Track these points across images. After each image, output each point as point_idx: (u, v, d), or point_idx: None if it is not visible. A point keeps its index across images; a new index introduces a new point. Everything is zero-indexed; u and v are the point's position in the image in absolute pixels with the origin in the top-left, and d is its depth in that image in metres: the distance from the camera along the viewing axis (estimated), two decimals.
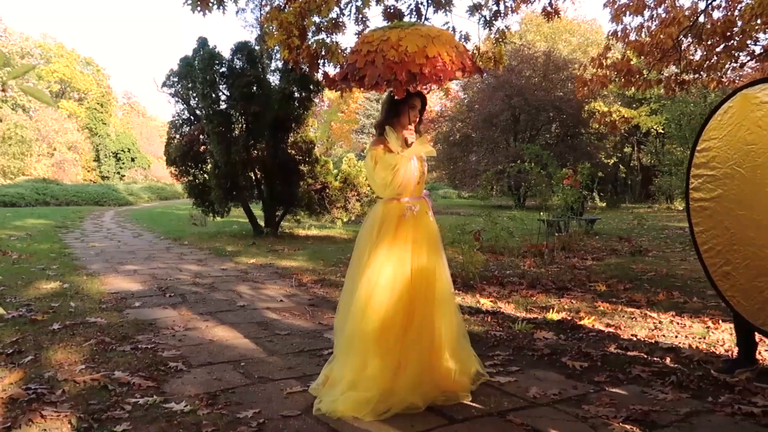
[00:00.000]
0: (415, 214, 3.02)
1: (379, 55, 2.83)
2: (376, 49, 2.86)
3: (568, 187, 9.28)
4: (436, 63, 2.85)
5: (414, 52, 2.81)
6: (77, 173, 37.49)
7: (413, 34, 2.91)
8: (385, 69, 2.81)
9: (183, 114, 11.61)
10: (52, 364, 3.44)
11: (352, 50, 3.01)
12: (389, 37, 2.88)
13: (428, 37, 2.91)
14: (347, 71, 2.97)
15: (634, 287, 5.98)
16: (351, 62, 2.94)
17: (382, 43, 2.87)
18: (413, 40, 2.86)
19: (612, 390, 3.13)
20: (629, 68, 9.31)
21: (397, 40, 2.85)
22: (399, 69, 2.79)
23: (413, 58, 2.80)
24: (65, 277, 6.46)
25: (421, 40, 2.88)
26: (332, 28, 7.14)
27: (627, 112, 20.78)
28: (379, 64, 2.82)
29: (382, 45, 2.86)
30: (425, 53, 2.83)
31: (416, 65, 2.81)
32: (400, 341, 2.88)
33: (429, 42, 2.88)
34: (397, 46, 2.83)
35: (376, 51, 2.86)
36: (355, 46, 3.02)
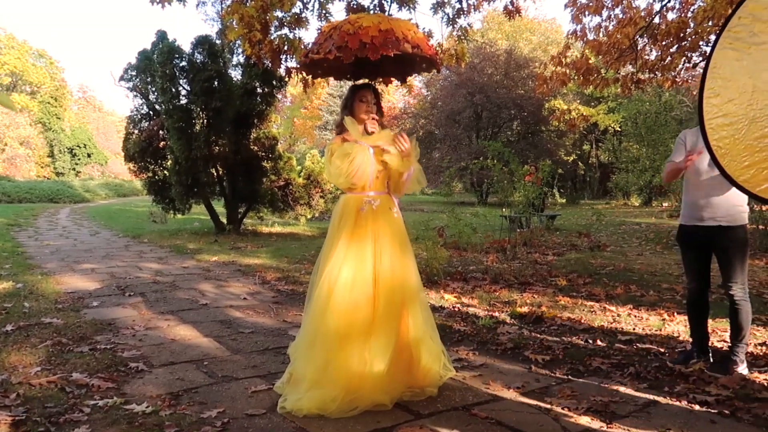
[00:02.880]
0: (374, 209, 2.99)
1: (336, 30, 3.04)
2: (336, 26, 3.08)
3: (530, 183, 9.44)
4: (387, 36, 2.99)
5: (368, 26, 2.99)
6: (30, 169, 36.26)
7: (372, 16, 3.15)
8: (339, 39, 2.98)
9: (142, 109, 11.33)
10: (5, 366, 3.32)
11: (318, 34, 3.27)
12: (349, 18, 3.09)
13: (385, 18, 3.14)
14: (309, 50, 3.23)
15: (593, 281, 6.12)
16: (314, 41, 3.20)
17: (342, 21, 3.10)
18: (370, 18, 3.06)
19: (573, 382, 3.20)
20: (588, 67, 9.51)
21: (355, 18, 3.06)
22: (351, 39, 2.95)
23: (366, 31, 2.97)
24: (18, 276, 6.24)
25: (377, 18, 3.08)
26: (295, 23, 7.08)
27: (585, 110, 21.25)
28: (335, 36, 3.01)
29: (341, 23, 3.08)
30: (378, 27, 3.00)
31: (368, 36, 2.96)
32: (363, 339, 2.87)
33: (384, 20, 3.08)
34: (353, 22, 3.02)
35: (335, 28, 3.08)
36: (321, 30, 3.29)
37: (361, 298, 2.87)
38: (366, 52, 2.92)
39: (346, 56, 2.96)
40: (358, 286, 2.87)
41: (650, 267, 7.02)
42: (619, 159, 23.77)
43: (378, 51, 2.92)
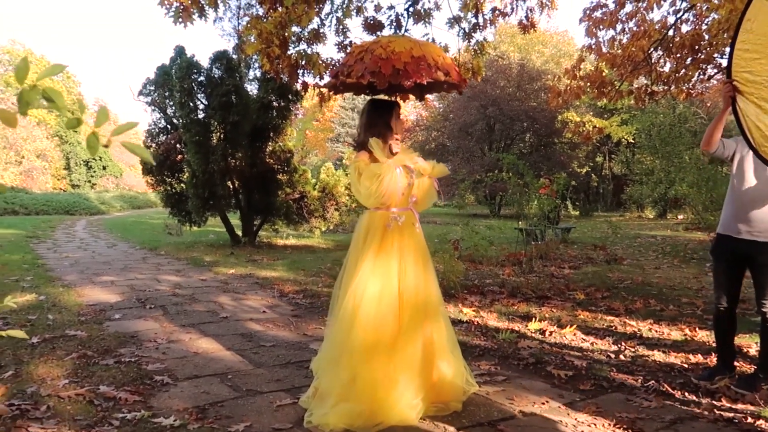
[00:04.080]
0: (400, 225, 3.04)
1: (368, 53, 3.05)
2: (367, 49, 3.08)
3: (545, 196, 9.43)
4: (420, 62, 3.03)
5: (401, 51, 3.02)
6: (46, 181, 36.70)
7: (403, 40, 3.16)
8: (371, 63, 3.00)
9: (159, 123, 11.47)
10: (34, 379, 3.37)
11: (347, 54, 3.31)
12: (380, 40, 3.12)
13: (416, 43, 3.16)
14: (338, 70, 3.20)
15: (611, 295, 6.10)
16: (343, 62, 3.17)
17: (373, 44, 3.11)
18: (402, 43, 3.08)
19: (598, 398, 3.19)
20: (602, 80, 9.52)
21: (387, 42, 3.08)
22: (384, 64, 2.97)
23: (399, 56, 2.99)
24: (40, 288, 6.32)
25: (409, 43, 3.11)
26: (313, 39, 7.17)
27: (599, 122, 21.20)
28: (366, 60, 3.02)
29: (372, 46, 3.09)
30: (411, 53, 3.03)
31: (401, 62, 2.99)
32: (389, 354, 2.89)
33: (416, 45, 3.10)
34: (386, 46, 3.04)
35: (366, 50, 3.08)
36: (350, 50, 3.30)
37: (388, 313, 2.89)
38: (399, 79, 2.96)
39: (380, 82, 3.00)
40: (385, 301, 2.90)
41: (669, 281, 6.98)
42: (632, 171, 23.65)
43: (411, 78, 2.96)
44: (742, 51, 2.92)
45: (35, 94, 0.98)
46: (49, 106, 0.95)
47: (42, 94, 0.99)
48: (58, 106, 1.00)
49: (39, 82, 1.01)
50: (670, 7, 8.78)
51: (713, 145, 3.29)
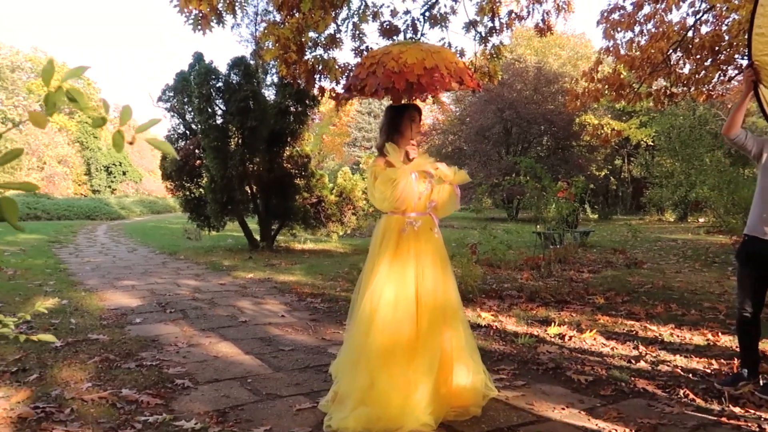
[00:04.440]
0: (416, 229, 3.04)
1: (380, 66, 2.98)
2: (378, 61, 3.01)
3: (563, 199, 9.37)
4: (433, 74, 2.99)
5: (413, 63, 2.96)
6: (68, 187, 37.29)
7: (414, 49, 3.09)
8: (384, 78, 2.95)
9: (179, 128, 11.62)
10: (57, 382, 3.42)
11: (357, 64, 3.20)
12: (391, 51, 3.04)
13: (428, 51, 3.07)
14: (351, 83, 3.13)
15: (631, 300, 6.04)
16: (355, 74, 3.09)
17: (384, 55, 3.03)
18: (413, 53, 3.01)
19: (619, 403, 3.16)
20: (620, 82, 9.45)
21: (398, 53, 3.01)
22: (397, 78, 2.93)
23: (411, 69, 2.94)
24: (63, 293, 6.42)
25: (421, 53, 3.03)
26: (329, 44, 7.21)
27: (617, 124, 21.03)
28: (379, 74, 2.96)
29: (384, 57, 3.02)
30: (423, 65, 2.98)
31: (414, 75, 2.95)
32: (407, 358, 2.89)
33: (428, 55, 3.03)
34: (397, 58, 2.98)
35: (377, 63, 3.01)
36: (361, 61, 3.17)
37: (405, 318, 2.89)
38: (413, 93, 2.97)
39: (395, 98, 3.01)
40: (402, 306, 2.90)
41: (690, 285, 6.89)
42: (652, 174, 23.42)
43: (425, 91, 2.97)
44: (758, 36, 2.93)
45: (60, 95, 1.01)
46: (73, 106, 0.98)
47: (66, 95, 1.02)
48: (81, 106, 1.03)
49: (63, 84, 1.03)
50: (689, 8, 8.70)
51: (734, 129, 3.27)
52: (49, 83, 0.98)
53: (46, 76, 0.99)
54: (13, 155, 0.90)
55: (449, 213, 3.25)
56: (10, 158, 0.90)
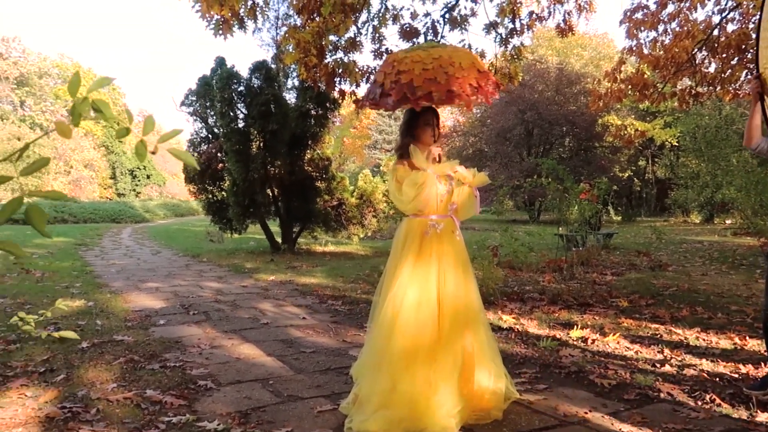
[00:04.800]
0: (438, 232, 3.04)
1: (439, 72, 2.88)
2: (433, 67, 2.89)
3: (585, 201, 9.27)
4: (488, 76, 2.99)
5: (468, 67, 2.92)
6: (93, 190, 37.97)
7: (458, 50, 3.04)
8: (450, 83, 2.85)
9: (201, 132, 11.77)
10: (84, 382, 3.48)
11: (396, 71, 2.93)
12: (441, 56, 2.94)
13: (471, 54, 3.06)
14: (404, 91, 2.90)
15: (656, 303, 5.95)
16: (405, 82, 2.88)
17: (435, 61, 2.91)
18: (462, 57, 2.96)
19: (643, 408, 3.12)
20: (644, 82, 9.33)
21: (448, 57, 2.93)
22: (462, 83, 2.86)
23: (469, 73, 2.90)
24: (89, 295, 6.53)
25: (468, 57, 3.01)
26: (350, 47, 7.24)
27: (641, 125, 20.74)
28: (442, 81, 2.85)
29: (438, 62, 2.90)
30: (476, 68, 2.96)
31: (474, 79, 2.91)
32: (428, 361, 2.88)
33: (475, 58, 3.03)
34: (452, 63, 2.91)
35: (433, 69, 2.89)
36: (398, 66, 2.95)
37: (427, 320, 2.89)
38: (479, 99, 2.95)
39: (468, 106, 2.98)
40: (424, 308, 2.90)
41: (716, 288, 6.77)
42: (677, 175, 23.05)
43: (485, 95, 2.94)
44: (765, 48, 2.93)
45: (86, 106, 1.03)
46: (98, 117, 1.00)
47: (92, 105, 1.04)
48: (106, 116, 1.05)
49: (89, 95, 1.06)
50: (714, 6, 8.55)
51: (754, 140, 3.30)
52: (75, 95, 1.00)
53: (72, 88, 1.02)
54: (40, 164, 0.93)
55: (469, 216, 3.24)
56: (37, 167, 0.92)
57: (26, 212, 0.88)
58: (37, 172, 20.02)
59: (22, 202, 0.86)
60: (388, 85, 2.95)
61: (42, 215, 0.90)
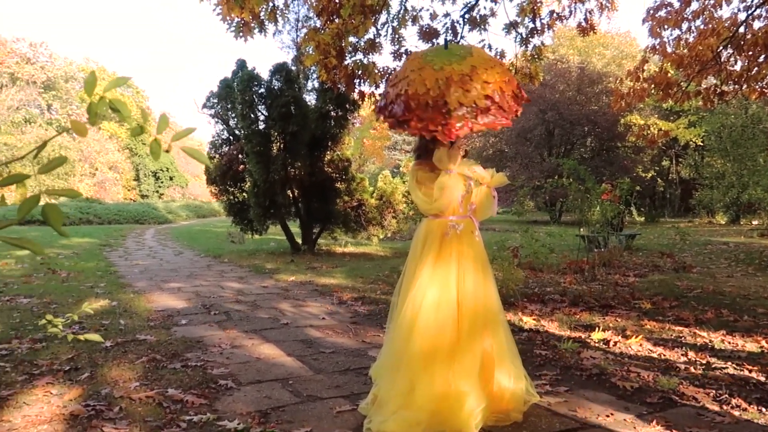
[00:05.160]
0: (458, 233, 3.03)
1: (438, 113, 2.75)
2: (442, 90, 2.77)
3: (607, 202, 9.16)
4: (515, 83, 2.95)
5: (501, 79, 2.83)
6: (118, 192, 38.59)
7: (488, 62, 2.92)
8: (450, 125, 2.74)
9: (222, 134, 11.88)
10: (107, 381, 3.54)
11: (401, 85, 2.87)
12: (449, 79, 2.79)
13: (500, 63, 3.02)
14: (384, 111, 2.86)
15: (680, 305, 5.85)
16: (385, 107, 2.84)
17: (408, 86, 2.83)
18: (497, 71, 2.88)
19: (666, 411, 3.07)
20: (667, 81, 9.20)
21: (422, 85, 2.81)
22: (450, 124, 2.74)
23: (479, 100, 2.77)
24: (113, 294, 6.63)
25: (503, 68, 2.96)
26: (369, 49, 7.26)
27: (664, 124, 20.44)
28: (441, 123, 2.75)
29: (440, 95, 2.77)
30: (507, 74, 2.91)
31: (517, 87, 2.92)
32: (448, 362, 2.87)
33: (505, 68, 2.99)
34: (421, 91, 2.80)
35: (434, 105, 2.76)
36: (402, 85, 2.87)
37: (446, 321, 2.88)
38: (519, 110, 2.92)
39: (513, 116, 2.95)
40: (443, 309, 2.89)
41: (742, 290, 6.64)
42: (701, 175, 22.68)
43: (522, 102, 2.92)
44: None
45: (102, 105, 1.05)
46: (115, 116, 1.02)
47: (109, 105, 1.06)
48: (123, 115, 1.06)
49: (105, 94, 1.07)
50: (740, 3, 8.40)
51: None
52: (91, 94, 1.02)
53: (88, 88, 1.03)
54: (57, 163, 0.94)
55: (487, 216, 3.22)
56: (54, 166, 0.94)
57: (43, 211, 0.89)
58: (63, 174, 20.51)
59: (39, 201, 0.88)
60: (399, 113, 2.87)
61: (59, 214, 0.92)
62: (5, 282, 7.37)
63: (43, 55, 43.54)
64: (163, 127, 1.06)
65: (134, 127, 1.04)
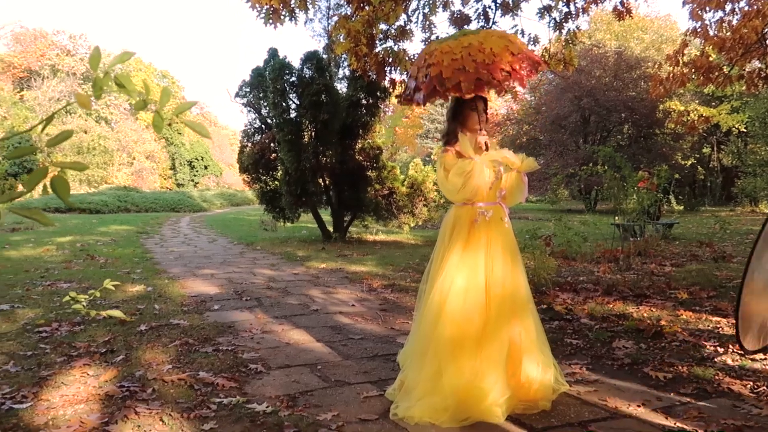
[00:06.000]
0: (487, 220, 2.99)
1: (468, 60, 2.82)
2: (461, 57, 2.84)
3: (644, 190, 8.95)
4: (523, 59, 2.89)
5: (500, 51, 2.84)
6: (154, 181, 39.42)
7: (490, 35, 2.96)
8: (480, 71, 2.80)
9: (255, 123, 11.98)
10: (141, 363, 3.62)
11: (427, 64, 2.92)
12: (471, 43, 2.88)
13: (504, 38, 2.96)
14: (434, 84, 2.87)
15: (718, 295, 5.70)
16: (434, 75, 2.85)
17: (465, 49, 2.86)
18: (494, 42, 2.89)
19: (700, 403, 3.00)
20: (709, 65, 8.91)
21: (478, 44, 2.87)
22: (493, 69, 2.80)
23: (501, 58, 2.82)
24: (149, 280, 6.79)
25: (501, 41, 2.91)
26: (400, 36, 7.21)
27: (705, 110, 19.81)
28: (471, 69, 2.80)
29: (467, 51, 2.85)
30: (509, 51, 2.87)
31: (507, 63, 2.83)
32: (475, 348, 2.86)
33: (508, 41, 2.93)
34: (482, 50, 2.84)
35: (462, 58, 2.84)
36: (429, 59, 2.93)
37: (474, 308, 2.86)
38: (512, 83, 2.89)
39: (499, 92, 2.94)
40: (471, 296, 2.87)
41: None
42: (744, 162, 21.97)
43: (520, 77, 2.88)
44: None
45: (107, 81, 1.06)
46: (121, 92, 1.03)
47: (114, 80, 1.07)
48: (128, 90, 1.07)
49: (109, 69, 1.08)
50: None
51: None
52: (96, 69, 1.03)
53: (93, 62, 1.05)
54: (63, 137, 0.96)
55: (517, 202, 3.17)
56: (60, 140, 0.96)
57: (51, 183, 0.91)
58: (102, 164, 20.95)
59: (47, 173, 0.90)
60: (420, 79, 2.93)
61: (66, 186, 0.93)
62: (47, 267, 7.61)
63: (82, 47, 44.60)
64: (166, 101, 1.07)
65: (138, 101, 1.05)
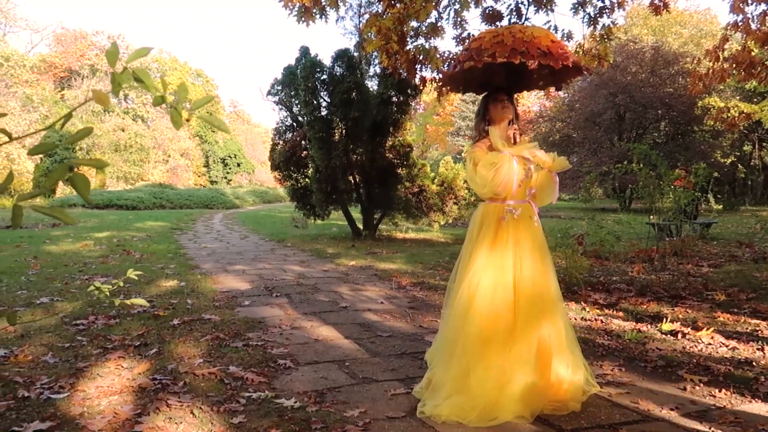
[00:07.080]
0: (515, 217, 2.95)
1: (507, 36, 2.97)
2: (503, 33, 3.01)
3: (681, 188, 8.73)
4: (559, 46, 3.00)
5: (539, 36, 3.00)
6: (189, 178, 40.13)
7: (535, 27, 3.14)
8: (516, 44, 2.93)
9: (286, 121, 12.09)
10: (173, 357, 3.69)
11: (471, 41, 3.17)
12: (517, 29, 3.05)
13: (548, 32, 3.13)
14: (471, 54, 3.01)
15: (758, 297, 5.53)
16: (475, 47, 3.03)
17: (507, 29, 3.05)
18: (537, 29, 3.07)
19: (737, 407, 2.91)
20: (750, 60, 8.64)
21: (521, 27, 3.06)
22: (530, 45, 2.93)
23: (540, 40, 2.97)
24: (182, 275, 6.91)
25: (544, 31, 3.10)
26: (431, 33, 7.18)
27: (747, 107, 19.23)
28: (509, 42, 2.93)
29: (509, 30, 3.03)
30: (550, 38, 3.02)
31: (544, 45, 2.95)
32: (503, 347, 2.83)
33: (548, 32, 3.11)
34: (524, 30, 3.01)
35: (503, 34, 3.00)
36: (473, 40, 3.18)
37: (502, 306, 2.83)
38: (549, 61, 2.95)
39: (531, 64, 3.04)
40: (500, 294, 2.84)
41: None
42: None
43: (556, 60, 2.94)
44: None
45: (126, 76, 1.07)
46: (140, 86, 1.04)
47: (132, 75, 1.08)
48: (147, 85, 1.09)
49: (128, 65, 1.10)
50: None
51: None
52: (114, 65, 1.05)
53: (110, 58, 1.06)
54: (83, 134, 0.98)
55: (548, 202, 3.13)
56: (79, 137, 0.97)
57: (71, 180, 0.93)
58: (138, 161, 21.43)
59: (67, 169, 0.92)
60: (462, 56, 3.13)
61: (86, 183, 0.95)
62: (84, 262, 7.82)
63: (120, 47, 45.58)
64: (184, 97, 1.08)
65: (156, 97, 1.06)
